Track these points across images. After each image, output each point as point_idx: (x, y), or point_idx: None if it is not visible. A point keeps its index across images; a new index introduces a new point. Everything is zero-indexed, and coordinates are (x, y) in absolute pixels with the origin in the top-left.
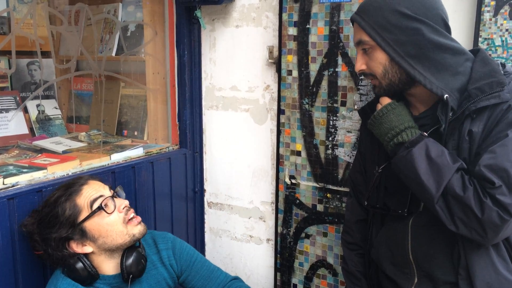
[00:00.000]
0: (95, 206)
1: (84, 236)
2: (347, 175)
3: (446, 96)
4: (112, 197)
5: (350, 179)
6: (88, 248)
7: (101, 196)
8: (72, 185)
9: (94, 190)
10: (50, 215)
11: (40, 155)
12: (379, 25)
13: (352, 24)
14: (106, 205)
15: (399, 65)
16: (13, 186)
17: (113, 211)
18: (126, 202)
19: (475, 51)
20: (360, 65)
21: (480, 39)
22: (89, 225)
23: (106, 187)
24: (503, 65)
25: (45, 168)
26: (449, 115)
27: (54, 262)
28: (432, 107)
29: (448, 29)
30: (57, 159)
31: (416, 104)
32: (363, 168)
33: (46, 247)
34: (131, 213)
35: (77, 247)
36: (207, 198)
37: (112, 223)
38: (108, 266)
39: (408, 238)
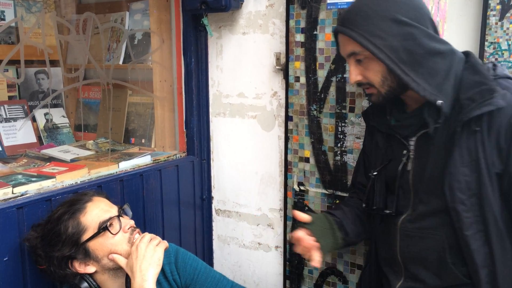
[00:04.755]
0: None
1: (87, 256)
2: None
3: (441, 102)
4: (118, 216)
5: (352, 181)
6: (91, 268)
7: (110, 218)
8: (76, 202)
9: (102, 210)
10: (52, 232)
11: (48, 163)
12: (370, 33)
13: (336, 37)
14: (111, 225)
15: (393, 72)
16: (22, 195)
17: (118, 232)
18: (132, 222)
19: (466, 53)
20: (355, 76)
21: (486, 43)
22: (93, 245)
23: (113, 206)
24: (495, 66)
25: (54, 177)
26: (439, 121)
27: (56, 280)
28: (421, 107)
29: (435, 27)
30: (65, 168)
31: (409, 102)
32: (367, 169)
33: (49, 264)
34: (136, 234)
35: (79, 267)
36: (215, 205)
37: (117, 244)
38: (114, 285)
39: (397, 238)
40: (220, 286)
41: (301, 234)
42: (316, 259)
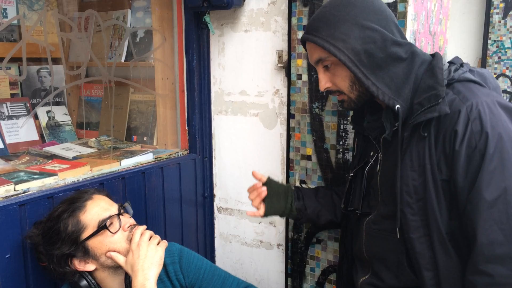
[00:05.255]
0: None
1: (86, 254)
2: None
3: (398, 107)
4: (119, 215)
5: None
6: (90, 266)
7: (109, 216)
8: (76, 200)
9: (101, 208)
10: (52, 230)
11: (50, 161)
12: (333, 37)
13: (304, 46)
14: (111, 223)
15: (354, 75)
16: (24, 192)
17: (117, 231)
18: (132, 221)
19: (432, 55)
20: (324, 83)
21: (489, 41)
22: (92, 243)
23: (114, 204)
24: (458, 68)
25: (56, 174)
26: (395, 124)
27: (56, 277)
28: (385, 109)
29: (399, 30)
30: (67, 165)
31: (382, 105)
32: None
33: (49, 261)
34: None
35: (79, 265)
36: (216, 203)
37: (116, 242)
38: (113, 282)
39: (363, 237)
40: (226, 284)
41: (258, 184)
42: (258, 211)
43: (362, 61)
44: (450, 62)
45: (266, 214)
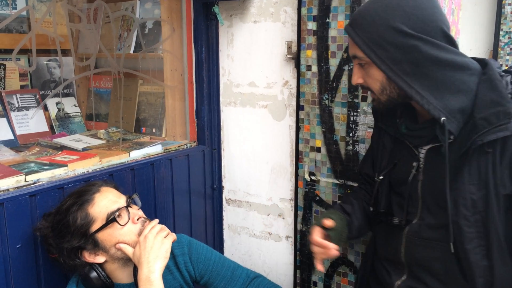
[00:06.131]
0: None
1: (96, 246)
2: None
3: (443, 119)
4: (127, 207)
5: (359, 170)
6: (100, 258)
7: (118, 208)
8: (84, 193)
9: (110, 201)
10: (61, 224)
11: (60, 152)
12: (374, 42)
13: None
14: (119, 215)
15: (396, 83)
16: (34, 183)
17: (126, 223)
18: (141, 213)
19: (483, 63)
20: (357, 79)
21: (501, 32)
22: (102, 236)
23: (122, 196)
24: None
25: (66, 165)
26: (450, 137)
27: (66, 269)
28: (432, 119)
29: (449, 40)
30: (77, 156)
31: (421, 112)
32: (374, 162)
33: (59, 254)
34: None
35: (89, 257)
36: (225, 195)
37: (125, 234)
38: (123, 273)
39: (402, 244)
40: (236, 274)
41: (320, 239)
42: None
43: (404, 70)
44: None
45: None
